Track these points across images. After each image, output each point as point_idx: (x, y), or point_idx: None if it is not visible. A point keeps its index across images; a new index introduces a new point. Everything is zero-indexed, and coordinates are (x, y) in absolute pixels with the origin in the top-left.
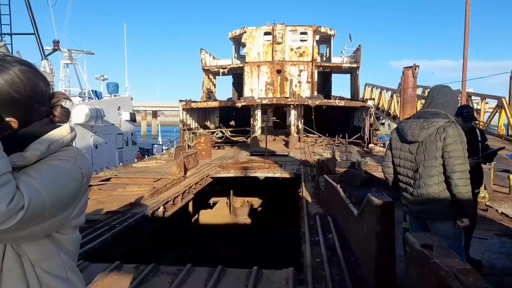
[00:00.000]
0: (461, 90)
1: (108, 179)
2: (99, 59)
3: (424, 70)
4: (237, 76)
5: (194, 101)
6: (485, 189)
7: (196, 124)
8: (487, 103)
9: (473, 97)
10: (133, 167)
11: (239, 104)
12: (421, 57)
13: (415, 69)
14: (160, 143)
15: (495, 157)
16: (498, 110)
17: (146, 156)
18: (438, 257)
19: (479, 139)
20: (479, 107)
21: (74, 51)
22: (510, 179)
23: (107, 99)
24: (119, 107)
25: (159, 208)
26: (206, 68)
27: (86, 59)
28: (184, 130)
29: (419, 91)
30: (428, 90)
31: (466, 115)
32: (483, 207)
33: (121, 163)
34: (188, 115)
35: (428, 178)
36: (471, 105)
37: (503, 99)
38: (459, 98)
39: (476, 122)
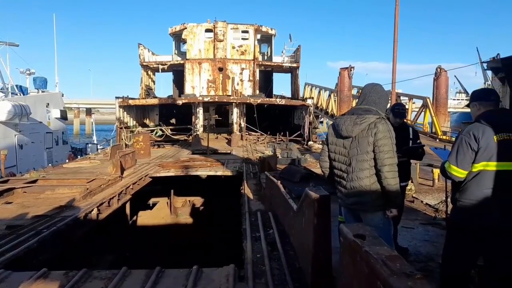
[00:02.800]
0: (391, 90)
1: (34, 181)
2: (25, 52)
3: (358, 71)
4: (178, 73)
5: (131, 98)
6: (411, 182)
7: (134, 122)
8: (414, 103)
9: (401, 97)
10: (63, 168)
11: (180, 102)
12: (356, 58)
13: (351, 70)
14: (95, 142)
15: (418, 153)
16: (423, 109)
17: (78, 156)
18: (369, 246)
19: (411, 137)
20: (407, 106)
21: None
22: (433, 173)
23: (33, 95)
24: (48, 104)
25: (92, 210)
26: (144, 64)
27: (8, 51)
28: (121, 128)
29: (354, 91)
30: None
31: (396, 111)
32: (410, 198)
33: (50, 164)
34: (125, 112)
35: (360, 171)
36: (402, 103)
37: (428, 99)
38: (389, 97)
39: (405, 119)
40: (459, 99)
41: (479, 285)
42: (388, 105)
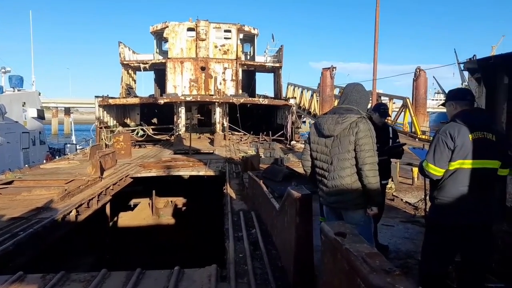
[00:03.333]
0: (372, 90)
1: (10, 182)
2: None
3: (340, 71)
4: (159, 72)
5: (112, 97)
6: (392, 180)
7: (115, 121)
8: (394, 103)
9: (382, 97)
10: (41, 169)
11: (161, 101)
12: (338, 59)
13: (333, 71)
14: (74, 142)
15: (398, 152)
16: (403, 109)
17: (57, 157)
18: (349, 244)
19: (391, 136)
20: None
21: None
22: (413, 172)
23: (9, 93)
24: (24, 103)
25: (71, 211)
26: (125, 62)
27: None
28: (101, 128)
29: (336, 91)
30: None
31: (382, 111)
32: (390, 197)
33: (26, 165)
34: (105, 112)
35: (341, 170)
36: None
37: (407, 100)
38: (370, 97)
39: (388, 118)
40: (437, 100)
41: (457, 281)
42: (369, 105)
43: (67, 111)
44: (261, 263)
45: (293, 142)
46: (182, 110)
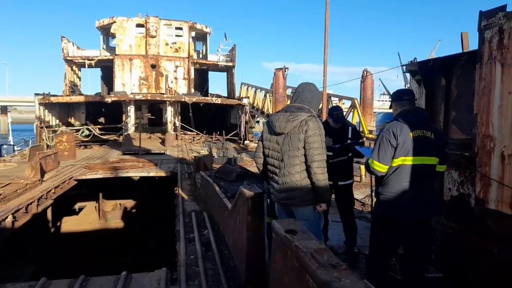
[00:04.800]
0: (322, 91)
1: None
2: None
3: (293, 72)
4: (107, 69)
5: (54, 95)
6: None
7: (57, 121)
8: (343, 103)
9: (332, 98)
10: None
11: (109, 99)
12: (290, 60)
13: (285, 71)
14: (11, 143)
15: (355, 151)
16: (352, 110)
17: None
18: (299, 240)
19: (349, 136)
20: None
21: None
22: (360, 169)
23: None
24: None
25: (6, 217)
26: (69, 58)
27: None
28: (42, 127)
29: (288, 91)
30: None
31: (335, 117)
32: None
33: None
34: (46, 110)
35: (291, 167)
36: (339, 107)
37: (355, 100)
38: (322, 97)
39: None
40: (383, 101)
41: (400, 272)
42: (320, 105)
43: (4, 110)
44: (213, 264)
45: (246, 142)
46: (131, 109)
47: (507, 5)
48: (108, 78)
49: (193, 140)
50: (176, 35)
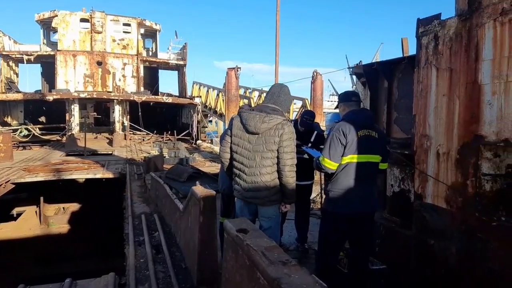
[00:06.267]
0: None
1: None
2: None
3: (244, 72)
4: (48, 65)
5: None
6: None
7: None
8: (294, 103)
9: None
10: None
11: (50, 98)
12: (242, 59)
13: (238, 71)
14: None
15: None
16: (303, 110)
17: None
18: (250, 239)
19: (311, 140)
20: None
21: None
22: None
23: None
24: None
25: None
26: (5, 53)
27: None
28: None
29: (241, 91)
30: (250, 90)
31: (304, 120)
32: None
33: None
34: None
35: (263, 167)
36: (313, 113)
37: (306, 100)
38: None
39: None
40: (332, 101)
41: (347, 266)
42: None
43: None
44: (164, 266)
45: (199, 142)
46: (75, 108)
47: (441, 13)
48: (49, 74)
49: (143, 140)
50: (124, 31)
